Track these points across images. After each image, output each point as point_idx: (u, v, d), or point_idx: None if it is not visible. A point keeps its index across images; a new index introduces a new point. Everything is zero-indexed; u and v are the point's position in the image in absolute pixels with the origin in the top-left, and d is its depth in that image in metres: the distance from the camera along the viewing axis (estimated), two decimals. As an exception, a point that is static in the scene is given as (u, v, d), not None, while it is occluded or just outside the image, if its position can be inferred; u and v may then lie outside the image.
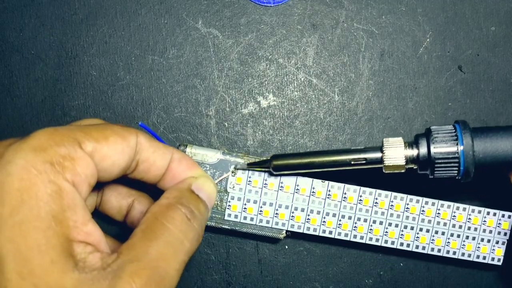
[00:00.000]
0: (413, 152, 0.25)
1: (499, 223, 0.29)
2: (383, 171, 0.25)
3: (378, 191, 0.28)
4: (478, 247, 0.29)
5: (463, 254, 0.28)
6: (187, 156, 0.25)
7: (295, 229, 0.28)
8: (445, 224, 0.28)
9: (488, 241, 0.29)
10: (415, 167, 0.25)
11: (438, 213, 0.28)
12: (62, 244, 0.17)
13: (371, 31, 0.30)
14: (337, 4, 0.30)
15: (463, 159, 0.24)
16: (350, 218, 0.28)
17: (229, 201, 0.27)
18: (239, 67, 0.30)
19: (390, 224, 0.28)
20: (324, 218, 0.28)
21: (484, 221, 0.28)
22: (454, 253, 0.28)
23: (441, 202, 0.28)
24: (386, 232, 0.28)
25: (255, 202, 0.27)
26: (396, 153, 0.25)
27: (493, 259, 0.29)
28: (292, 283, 0.30)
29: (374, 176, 0.28)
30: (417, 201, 0.28)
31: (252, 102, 0.30)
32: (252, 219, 0.28)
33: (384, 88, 0.30)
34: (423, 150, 0.24)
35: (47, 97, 0.30)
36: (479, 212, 0.28)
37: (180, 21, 0.30)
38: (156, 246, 0.19)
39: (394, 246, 0.28)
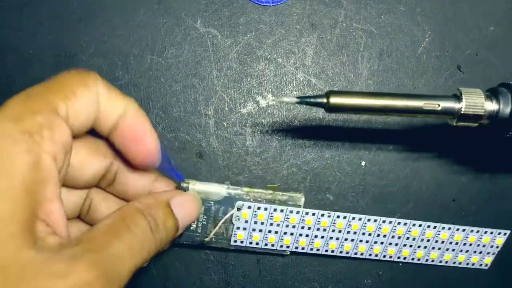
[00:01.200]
0: (494, 106, 0.23)
1: (493, 239, 0.30)
2: (453, 123, 0.24)
3: (380, 218, 0.29)
4: (469, 257, 0.30)
5: (454, 263, 0.30)
6: (141, 114, 0.22)
7: (299, 250, 0.28)
8: (442, 241, 0.30)
9: (480, 252, 0.30)
10: (486, 123, 0.23)
11: (438, 234, 0.29)
12: (26, 219, 0.16)
13: (370, 30, 0.30)
14: (336, 3, 0.30)
15: None
16: (352, 240, 0.29)
17: (235, 231, 0.28)
18: (238, 66, 0.30)
19: (390, 244, 0.29)
20: (327, 243, 0.29)
21: (480, 238, 0.30)
22: (446, 262, 0.30)
23: (441, 224, 0.29)
24: (386, 250, 0.29)
25: (260, 231, 0.28)
26: (477, 102, 0.22)
27: (480, 265, 0.31)
28: (291, 283, 0.30)
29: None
30: (415, 224, 0.29)
31: (251, 101, 0.30)
32: (257, 243, 0.28)
33: (383, 88, 0.30)
34: (506, 107, 0.22)
35: (45, 96, 0.29)
36: (477, 231, 0.30)
37: (179, 21, 0.30)
38: (117, 244, 0.19)
39: (391, 260, 0.30)
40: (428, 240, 0.29)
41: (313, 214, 0.28)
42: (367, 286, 0.31)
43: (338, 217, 0.28)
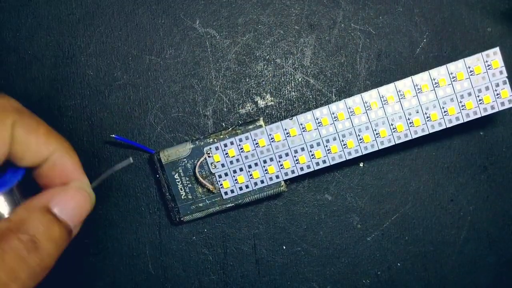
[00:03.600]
0: None
1: (488, 65, 0.26)
2: None
3: (348, 100, 0.26)
4: (480, 100, 0.26)
5: (467, 115, 0.26)
6: (69, 159, 0.21)
7: (290, 175, 0.27)
8: (432, 96, 0.26)
9: (487, 88, 0.26)
10: None
11: (419, 89, 0.26)
12: None
13: (368, 31, 0.30)
14: (334, 4, 0.30)
15: None
16: (335, 139, 0.27)
17: (219, 180, 0.28)
18: (236, 67, 0.30)
19: (377, 125, 0.27)
20: (311, 151, 0.27)
21: (471, 72, 0.26)
22: (458, 118, 0.26)
23: (414, 77, 0.26)
24: (377, 134, 0.27)
25: (241, 170, 0.28)
26: None
27: (502, 103, 0.26)
28: (290, 283, 0.30)
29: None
30: (392, 90, 0.26)
31: (250, 102, 0.30)
32: (247, 186, 0.28)
33: (381, 88, 0.30)
34: None
35: (44, 97, 0.30)
36: (459, 65, 0.26)
37: (178, 21, 0.30)
38: None
39: (392, 143, 0.27)
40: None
41: (277, 127, 0.27)
42: (366, 286, 0.31)
43: (304, 118, 0.26)
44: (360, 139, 0.27)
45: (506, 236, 0.31)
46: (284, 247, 0.30)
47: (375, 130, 0.27)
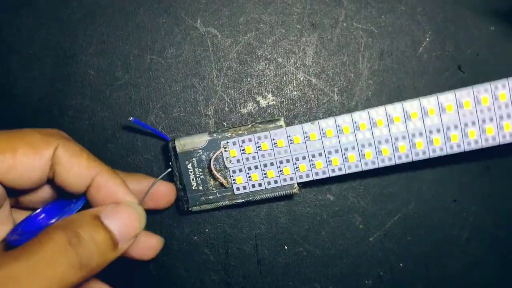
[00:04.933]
0: None
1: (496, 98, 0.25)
2: None
3: (368, 111, 0.26)
4: (501, 126, 0.26)
5: (486, 140, 0.26)
6: (113, 181, 0.23)
7: (304, 179, 0.27)
8: (454, 117, 0.26)
9: (508, 116, 0.25)
10: None
11: (443, 109, 0.26)
12: None
13: (371, 30, 0.30)
14: (336, 3, 0.30)
15: None
16: (353, 148, 0.26)
17: (232, 175, 0.27)
18: (238, 66, 0.30)
19: (397, 139, 0.26)
20: (328, 157, 0.27)
21: (496, 97, 0.25)
22: (477, 142, 0.26)
23: (440, 96, 0.26)
24: (396, 148, 0.26)
25: (256, 167, 0.27)
26: None
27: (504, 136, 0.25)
28: (292, 283, 0.30)
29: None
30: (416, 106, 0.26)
31: (251, 101, 0.30)
32: (260, 184, 0.27)
33: (383, 88, 0.30)
34: None
35: (45, 96, 0.29)
36: (486, 90, 0.25)
37: (179, 20, 0.30)
38: (16, 267, 0.17)
39: (409, 160, 0.26)
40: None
41: (298, 129, 0.26)
42: (368, 287, 0.31)
43: (325, 124, 0.26)
44: (378, 151, 0.26)
45: (509, 236, 0.30)
46: (286, 247, 0.30)
47: (395, 144, 0.26)
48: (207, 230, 0.30)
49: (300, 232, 0.30)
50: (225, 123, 0.30)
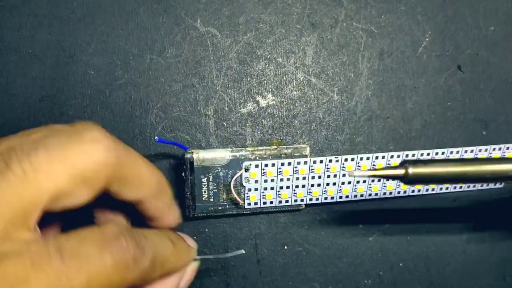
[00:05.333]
0: None
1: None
2: None
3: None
4: None
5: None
6: (159, 202, 0.22)
7: (314, 201, 0.28)
8: None
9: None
10: None
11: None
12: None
13: (371, 30, 0.30)
14: (336, 3, 0.30)
15: None
16: (364, 181, 0.29)
17: (247, 193, 0.28)
18: (237, 66, 0.30)
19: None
20: (340, 187, 0.28)
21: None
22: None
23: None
24: (399, 185, 0.29)
25: (272, 188, 0.28)
26: None
27: None
28: (291, 283, 0.30)
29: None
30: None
31: (251, 101, 0.30)
32: (271, 202, 0.28)
33: (383, 87, 0.30)
34: None
35: (45, 96, 0.29)
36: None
37: (179, 20, 0.30)
38: (83, 245, 0.17)
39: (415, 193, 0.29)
40: None
41: (321, 161, 0.28)
42: (368, 287, 0.31)
43: (346, 160, 0.28)
44: (383, 185, 0.29)
45: (508, 236, 0.30)
46: (286, 247, 0.30)
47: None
48: (206, 230, 0.30)
49: (300, 232, 0.30)
50: (225, 122, 0.30)
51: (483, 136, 0.30)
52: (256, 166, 0.27)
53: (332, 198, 0.29)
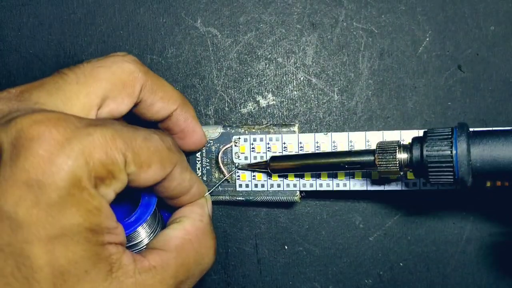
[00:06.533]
0: (407, 155, 0.23)
1: None
2: (380, 175, 0.25)
3: (383, 132, 0.27)
4: None
5: None
6: (188, 114, 0.25)
7: (307, 188, 0.27)
8: None
9: None
10: (411, 171, 0.23)
11: None
12: (97, 253, 0.18)
13: (371, 30, 0.30)
14: (336, 3, 0.30)
15: (456, 164, 0.21)
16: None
17: (237, 172, 0.28)
18: (238, 66, 0.30)
19: None
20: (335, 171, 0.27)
21: None
22: None
23: None
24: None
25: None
26: (388, 158, 0.23)
27: None
28: (292, 283, 0.30)
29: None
30: None
31: (251, 101, 0.30)
32: (263, 185, 0.28)
33: (383, 87, 0.30)
34: (416, 153, 0.22)
35: (45, 96, 0.29)
36: None
37: (179, 20, 0.30)
38: (183, 269, 0.21)
39: (416, 188, 0.27)
40: None
41: (309, 137, 0.27)
42: (368, 286, 0.31)
43: (338, 137, 0.27)
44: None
45: (508, 236, 0.30)
46: (286, 247, 0.30)
47: None
48: (207, 229, 0.30)
49: (300, 232, 0.30)
50: (225, 123, 0.30)
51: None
52: (245, 140, 0.27)
53: (328, 185, 0.27)
